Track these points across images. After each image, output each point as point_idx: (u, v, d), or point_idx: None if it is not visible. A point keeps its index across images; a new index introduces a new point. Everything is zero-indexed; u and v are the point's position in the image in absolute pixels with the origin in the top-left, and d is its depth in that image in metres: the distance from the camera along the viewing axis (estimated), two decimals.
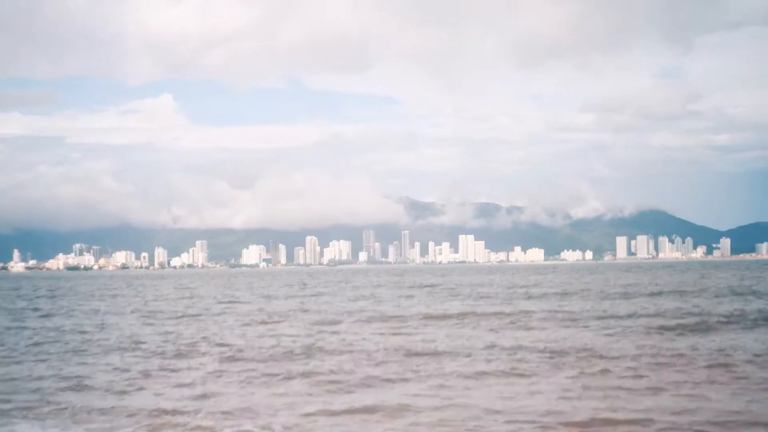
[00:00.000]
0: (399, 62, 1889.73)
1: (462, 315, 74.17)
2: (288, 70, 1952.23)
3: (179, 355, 49.56)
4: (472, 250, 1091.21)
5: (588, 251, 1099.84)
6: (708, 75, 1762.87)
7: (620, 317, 69.10)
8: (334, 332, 61.35)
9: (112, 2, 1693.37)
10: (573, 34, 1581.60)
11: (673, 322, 62.07)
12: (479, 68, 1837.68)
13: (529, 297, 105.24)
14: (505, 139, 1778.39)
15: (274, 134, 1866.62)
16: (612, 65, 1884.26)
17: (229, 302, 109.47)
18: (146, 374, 41.81)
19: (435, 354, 46.98)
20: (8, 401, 35.42)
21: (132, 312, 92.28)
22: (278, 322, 72.91)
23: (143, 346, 54.69)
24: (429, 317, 73.00)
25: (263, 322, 72.43)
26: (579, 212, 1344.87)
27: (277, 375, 40.63)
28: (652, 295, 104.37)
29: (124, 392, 37.07)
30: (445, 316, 73.54)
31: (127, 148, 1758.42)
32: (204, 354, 49.46)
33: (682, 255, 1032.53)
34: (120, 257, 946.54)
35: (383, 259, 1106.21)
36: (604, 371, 39.23)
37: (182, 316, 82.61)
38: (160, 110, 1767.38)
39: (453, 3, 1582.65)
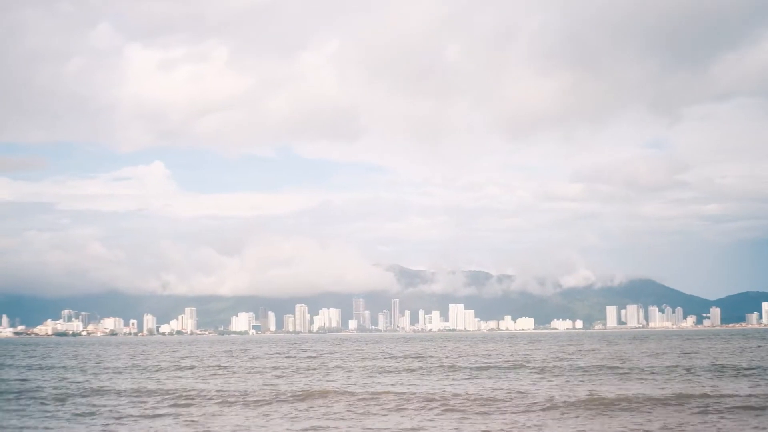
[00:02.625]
0: (388, 132, 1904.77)
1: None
2: (278, 139, 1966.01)
3: None
4: (462, 318, 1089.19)
5: (578, 320, 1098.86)
6: (695, 145, 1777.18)
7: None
8: None
9: (104, 71, 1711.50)
10: (560, 105, 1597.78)
11: None
12: (468, 139, 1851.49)
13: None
14: (495, 208, 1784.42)
15: (263, 202, 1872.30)
16: (599, 136, 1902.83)
17: None
18: None
19: None
20: None
21: None
22: None
23: None
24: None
25: None
26: (569, 281, 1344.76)
27: None
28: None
29: None
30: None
31: (117, 214, 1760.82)
32: None
33: (673, 324, 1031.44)
34: (108, 323, 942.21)
35: (373, 327, 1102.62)
36: None
37: None
38: (152, 177, 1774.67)
39: (440, 76, 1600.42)
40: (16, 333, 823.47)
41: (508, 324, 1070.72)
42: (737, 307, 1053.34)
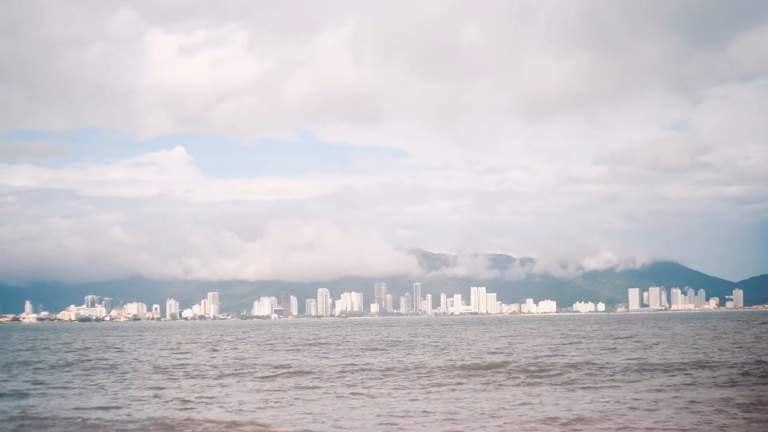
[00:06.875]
0: (409, 115, 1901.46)
1: None
2: (298, 123, 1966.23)
3: None
4: (484, 301, 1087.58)
5: (600, 303, 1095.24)
6: (717, 127, 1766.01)
7: None
8: None
9: (125, 57, 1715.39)
10: (581, 86, 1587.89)
11: None
12: (489, 122, 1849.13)
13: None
14: (517, 191, 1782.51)
15: (284, 186, 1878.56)
16: (621, 117, 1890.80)
17: None
18: None
19: None
20: None
21: None
22: None
23: None
24: None
25: None
26: (592, 263, 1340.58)
27: None
28: None
29: None
30: None
31: (139, 200, 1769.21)
32: None
33: (695, 306, 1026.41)
34: (131, 308, 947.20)
35: (395, 311, 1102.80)
36: None
37: None
38: (173, 163, 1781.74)
39: (458, 58, 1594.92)
40: (40, 319, 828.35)
41: (530, 307, 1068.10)
42: (761, 288, 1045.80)
